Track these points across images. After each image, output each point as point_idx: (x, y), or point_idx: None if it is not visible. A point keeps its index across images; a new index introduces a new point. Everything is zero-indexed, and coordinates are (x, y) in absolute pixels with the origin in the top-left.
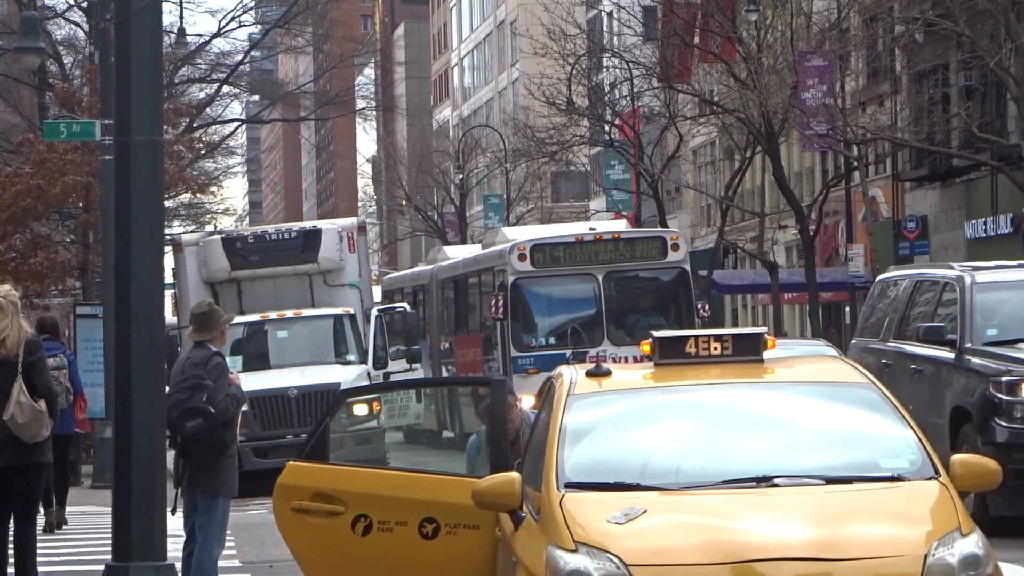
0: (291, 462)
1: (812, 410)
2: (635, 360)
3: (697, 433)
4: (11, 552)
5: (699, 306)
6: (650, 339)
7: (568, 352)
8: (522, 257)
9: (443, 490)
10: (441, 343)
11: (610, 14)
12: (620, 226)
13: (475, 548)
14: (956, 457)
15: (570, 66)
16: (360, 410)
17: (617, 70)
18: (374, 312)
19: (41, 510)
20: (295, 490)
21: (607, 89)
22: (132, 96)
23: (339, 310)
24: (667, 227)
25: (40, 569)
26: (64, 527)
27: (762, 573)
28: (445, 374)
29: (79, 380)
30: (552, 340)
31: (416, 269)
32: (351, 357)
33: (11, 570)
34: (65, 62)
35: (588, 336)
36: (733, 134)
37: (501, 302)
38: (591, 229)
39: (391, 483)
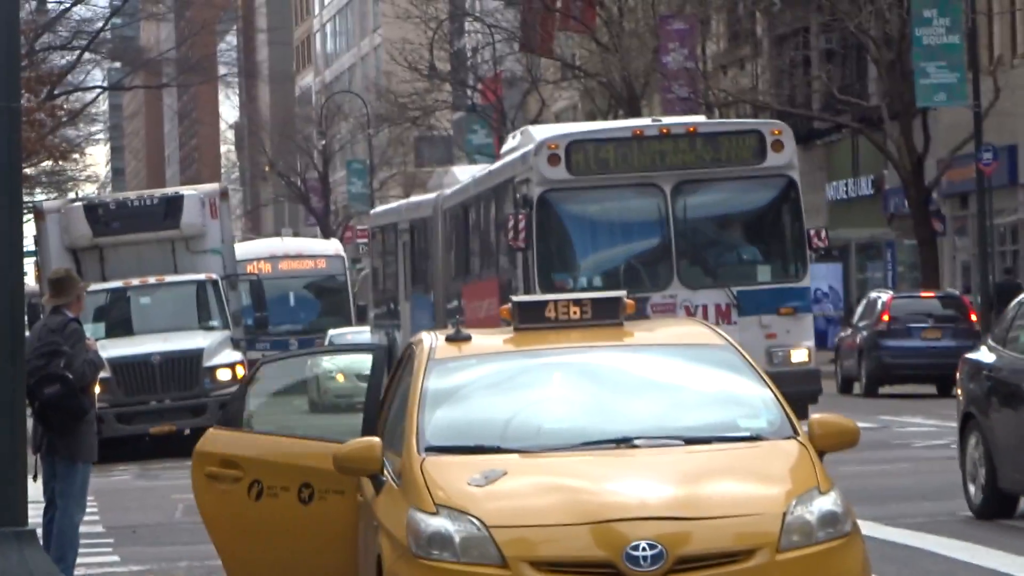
0: (211, 428)
1: (671, 371)
2: (717, 310)
3: (557, 396)
4: None
5: (812, 232)
6: (509, 304)
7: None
8: (554, 159)
9: (318, 456)
10: (448, 295)
11: None
12: (697, 118)
13: (342, 514)
14: (814, 417)
15: (432, 31)
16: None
17: (479, 35)
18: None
19: None
20: (208, 456)
21: (469, 54)
22: None
23: (202, 276)
24: None
25: None
26: None
27: (622, 533)
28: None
29: None
30: (596, 280)
31: (415, 199)
32: (214, 322)
33: None
34: None
35: (650, 275)
36: (595, 98)
37: (523, 225)
38: (655, 120)
39: (279, 449)
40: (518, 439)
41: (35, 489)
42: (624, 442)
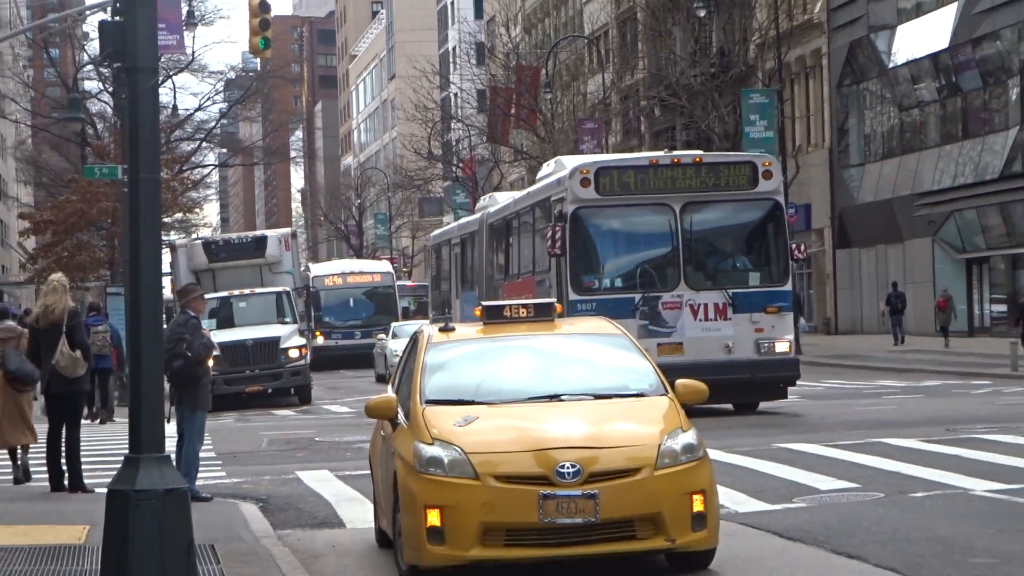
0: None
1: (585, 351)
2: (716, 308)
3: (511, 366)
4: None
5: (794, 246)
6: (480, 307)
7: (637, 296)
8: (585, 182)
9: None
10: (490, 290)
11: (456, 95)
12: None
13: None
14: (679, 381)
15: (429, 128)
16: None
17: (460, 131)
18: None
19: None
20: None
21: (454, 143)
22: (139, 149)
23: (279, 289)
24: None
25: (84, 459)
26: (111, 423)
27: (553, 456)
28: None
29: (119, 338)
30: (618, 282)
31: (464, 219)
32: (287, 319)
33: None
34: (98, 127)
35: (661, 278)
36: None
37: (559, 235)
38: (667, 151)
39: None
40: (485, 395)
41: (170, 428)
42: (554, 397)
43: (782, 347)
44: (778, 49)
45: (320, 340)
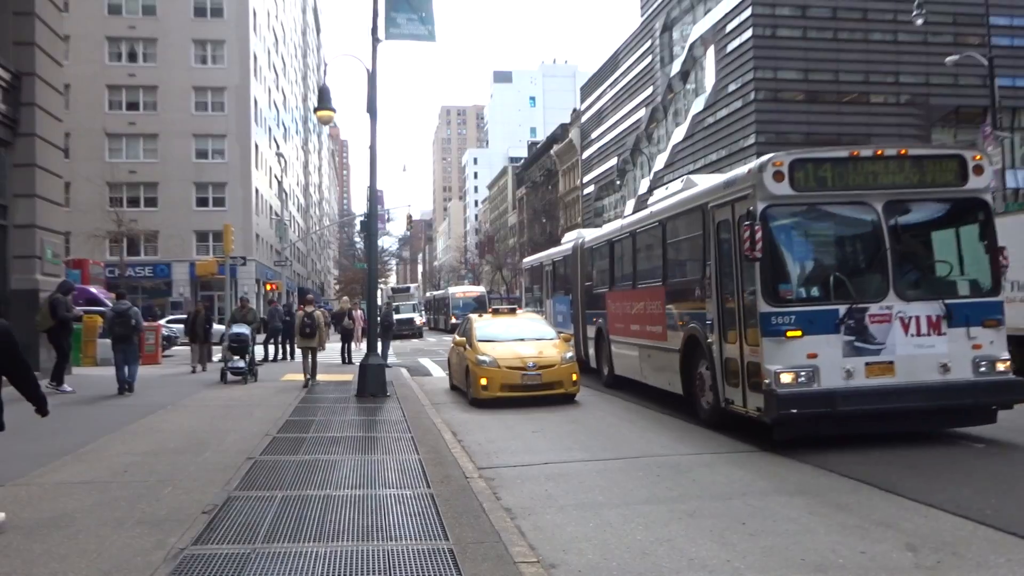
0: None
1: (530, 323)
2: (929, 321)
3: (505, 327)
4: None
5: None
6: (493, 308)
7: (841, 309)
8: (779, 175)
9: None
10: (582, 297)
11: (467, 245)
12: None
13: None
14: (562, 334)
15: (461, 255)
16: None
17: (470, 256)
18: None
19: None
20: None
21: (470, 260)
22: (371, 258)
23: (415, 301)
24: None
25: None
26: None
27: (525, 360)
28: (589, 324)
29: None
30: (815, 291)
31: (554, 249)
32: (418, 312)
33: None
34: (360, 251)
35: (865, 286)
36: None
37: (758, 235)
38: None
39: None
40: (497, 337)
41: (380, 346)
42: (521, 340)
43: (1002, 367)
44: (566, 231)
45: (453, 320)
